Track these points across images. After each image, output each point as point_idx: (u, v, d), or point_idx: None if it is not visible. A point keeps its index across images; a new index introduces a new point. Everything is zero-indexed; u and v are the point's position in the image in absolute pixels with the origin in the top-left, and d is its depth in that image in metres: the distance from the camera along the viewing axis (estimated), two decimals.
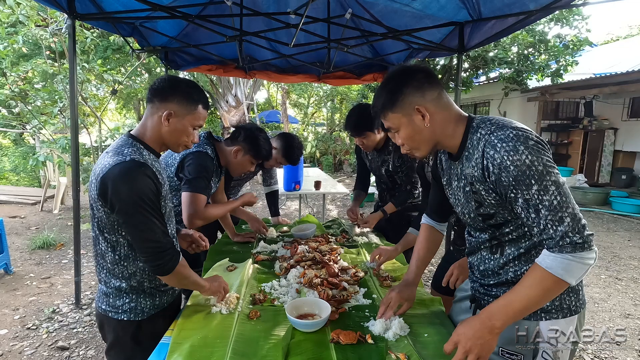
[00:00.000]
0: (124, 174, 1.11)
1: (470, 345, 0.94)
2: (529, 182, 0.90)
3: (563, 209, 0.88)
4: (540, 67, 7.52)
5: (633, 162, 8.74)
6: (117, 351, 1.31)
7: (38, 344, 2.59)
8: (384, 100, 1.07)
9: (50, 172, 6.45)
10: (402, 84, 1.04)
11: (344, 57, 3.79)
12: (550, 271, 0.90)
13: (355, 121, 2.18)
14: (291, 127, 14.52)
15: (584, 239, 0.88)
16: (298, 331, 1.22)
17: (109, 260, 1.22)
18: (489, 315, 0.96)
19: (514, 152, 0.90)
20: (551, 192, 0.89)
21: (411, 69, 1.06)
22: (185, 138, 1.29)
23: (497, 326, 0.94)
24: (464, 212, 1.13)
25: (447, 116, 1.05)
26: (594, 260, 0.90)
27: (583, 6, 2.74)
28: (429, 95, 1.03)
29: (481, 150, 0.97)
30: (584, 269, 0.89)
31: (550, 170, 0.90)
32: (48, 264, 4.05)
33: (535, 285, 0.92)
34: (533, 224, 0.92)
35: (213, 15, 2.80)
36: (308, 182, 4.35)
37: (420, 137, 1.07)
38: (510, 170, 0.91)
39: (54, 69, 6.27)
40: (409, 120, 1.05)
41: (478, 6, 2.60)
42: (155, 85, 1.26)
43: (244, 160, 1.94)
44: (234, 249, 2.10)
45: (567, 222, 0.88)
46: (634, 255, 4.64)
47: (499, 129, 0.95)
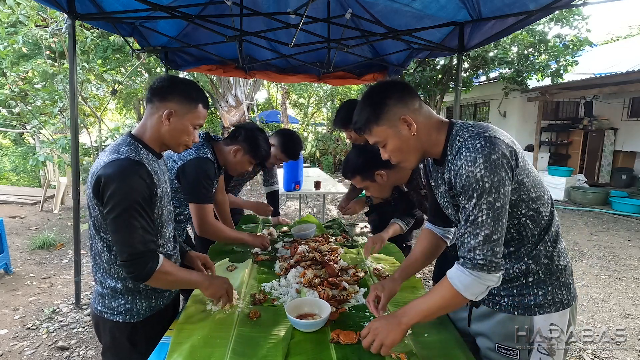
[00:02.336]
0: (116, 172, 1.10)
1: (378, 332, 1.06)
2: (471, 194, 0.95)
3: (482, 228, 0.95)
4: (540, 67, 7.52)
5: (633, 162, 8.74)
6: (113, 353, 1.30)
7: (38, 344, 2.59)
8: (368, 115, 1.08)
9: (50, 172, 6.45)
10: (385, 97, 1.07)
11: (344, 57, 3.79)
12: (451, 282, 0.99)
13: (343, 115, 2.25)
14: (291, 127, 14.50)
15: (486, 262, 0.95)
16: (298, 331, 1.22)
17: (104, 260, 1.22)
18: (401, 313, 1.07)
19: (472, 163, 0.95)
20: (482, 210, 0.94)
21: (389, 83, 1.10)
22: (186, 137, 1.28)
23: (404, 322, 1.05)
24: (450, 213, 1.18)
25: (430, 124, 1.08)
26: (495, 282, 0.97)
27: (583, 6, 2.73)
28: (411, 105, 1.07)
29: (454, 156, 1.02)
30: (481, 287, 0.97)
31: (494, 191, 0.94)
32: (48, 264, 4.05)
33: (438, 294, 1.03)
34: (459, 228, 1.01)
35: (213, 15, 2.80)
36: (308, 182, 4.34)
37: (407, 147, 1.09)
38: (463, 178, 0.97)
39: (54, 69, 6.28)
40: (396, 132, 1.07)
41: (478, 6, 2.60)
42: (154, 85, 1.25)
43: (242, 160, 1.94)
44: (234, 249, 2.10)
45: (479, 240, 0.95)
46: (634, 255, 4.64)
47: (471, 138, 0.99)
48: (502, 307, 1.11)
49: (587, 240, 5.23)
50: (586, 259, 4.50)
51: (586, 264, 4.34)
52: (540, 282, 1.07)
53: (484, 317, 1.17)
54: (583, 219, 6.41)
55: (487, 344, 1.15)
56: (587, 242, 5.18)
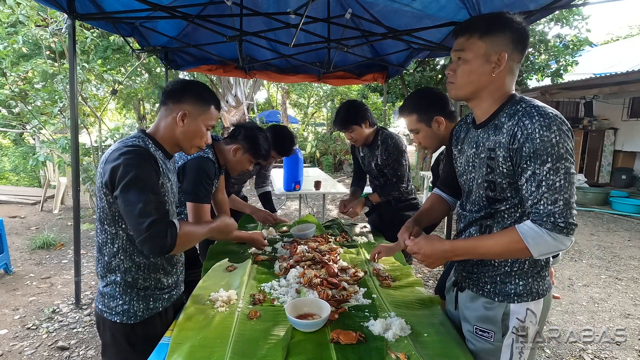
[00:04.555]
0: (128, 157, 1.14)
1: (427, 257, 1.14)
2: (546, 158, 0.94)
3: (561, 193, 0.94)
4: (540, 67, 7.52)
5: (633, 162, 8.74)
6: (111, 352, 1.31)
7: (38, 344, 2.59)
8: (482, 23, 1.06)
9: (50, 172, 6.45)
10: (508, 20, 1.04)
11: (344, 57, 3.79)
12: (522, 236, 0.98)
13: (342, 116, 2.27)
14: (291, 127, 14.51)
15: (567, 225, 0.94)
16: (298, 331, 1.22)
17: (106, 252, 1.24)
18: (452, 249, 1.11)
19: (547, 128, 0.94)
20: (559, 174, 0.94)
21: (515, 20, 1.05)
22: (199, 139, 1.33)
23: (452, 256, 1.12)
24: (470, 178, 1.16)
25: (507, 80, 1.06)
26: (566, 247, 0.97)
27: (583, 6, 2.73)
28: (516, 49, 1.04)
29: (517, 119, 0.99)
30: (552, 248, 0.96)
31: (568, 157, 0.95)
32: (48, 264, 4.05)
33: (501, 243, 1.02)
34: (530, 196, 0.98)
35: (213, 15, 2.80)
36: (308, 182, 4.34)
37: (477, 78, 1.06)
38: (536, 142, 0.95)
39: (54, 69, 6.27)
40: (485, 59, 1.04)
41: (478, 6, 2.60)
42: (168, 88, 1.31)
43: (243, 159, 1.94)
44: (234, 249, 2.10)
45: (559, 205, 0.94)
46: (634, 255, 4.64)
47: (541, 107, 0.99)
48: (484, 292, 1.16)
49: (587, 240, 5.23)
50: (586, 259, 4.50)
51: (586, 264, 4.34)
52: (522, 273, 1.11)
53: (468, 301, 1.21)
54: (583, 219, 6.41)
55: (468, 327, 1.20)
56: (587, 242, 5.18)
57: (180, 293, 1.44)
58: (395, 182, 2.36)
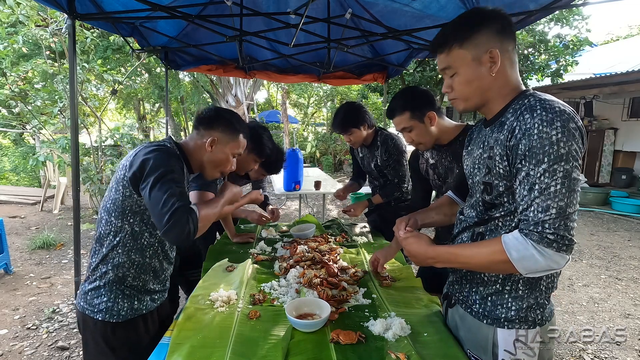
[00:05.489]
0: (156, 150, 1.19)
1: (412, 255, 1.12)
2: (541, 158, 0.83)
3: (555, 200, 0.82)
4: (540, 67, 7.53)
5: (633, 162, 8.74)
6: (92, 354, 1.30)
7: (38, 344, 2.59)
8: (455, 33, 0.97)
9: (50, 172, 6.45)
10: (482, 21, 0.96)
11: (344, 57, 3.78)
12: (504, 247, 0.87)
13: (341, 118, 2.26)
14: (291, 127, 14.51)
15: (557, 238, 0.81)
16: (298, 331, 1.22)
17: (106, 244, 1.25)
18: (435, 255, 1.04)
19: (548, 124, 0.83)
20: (555, 178, 0.82)
21: (495, 10, 0.96)
22: (223, 166, 1.38)
23: (434, 263, 1.06)
24: (475, 181, 1.07)
25: (511, 74, 0.97)
26: (560, 266, 0.84)
27: (583, 6, 2.73)
28: (506, 44, 0.95)
29: (518, 114, 0.90)
30: (541, 265, 0.83)
31: (570, 159, 0.82)
32: (48, 264, 4.05)
33: (483, 253, 0.93)
34: (521, 201, 0.87)
35: (213, 15, 2.80)
36: (308, 182, 4.34)
37: (478, 85, 0.97)
38: (533, 138, 0.84)
39: (54, 69, 6.27)
40: (475, 63, 0.95)
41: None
42: (201, 114, 1.38)
43: (247, 159, 1.93)
44: (234, 249, 2.10)
45: (551, 213, 0.82)
46: (634, 255, 4.64)
47: (548, 100, 0.88)
48: (472, 312, 1.08)
49: (587, 240, 5.23)
50: (586, 259, 4.50)
51: (586, 264, 4.34)
52: (517, 297, 0.99)
53: (459, 319, 1.16)
54: (583, 219, 6.41)
55: (464, 347, 1.15)
56: (587, 242, 5.18)
57: (164, 300, 1.44)
58: (397, 183, 2.36)
